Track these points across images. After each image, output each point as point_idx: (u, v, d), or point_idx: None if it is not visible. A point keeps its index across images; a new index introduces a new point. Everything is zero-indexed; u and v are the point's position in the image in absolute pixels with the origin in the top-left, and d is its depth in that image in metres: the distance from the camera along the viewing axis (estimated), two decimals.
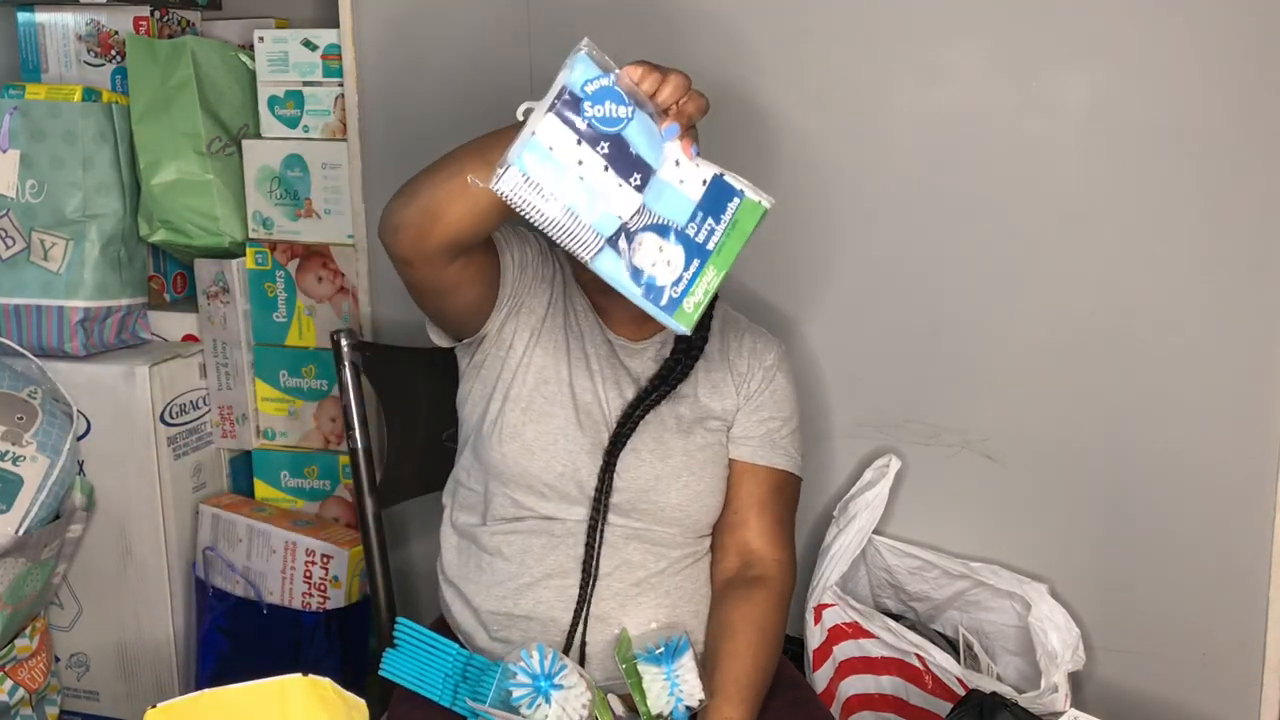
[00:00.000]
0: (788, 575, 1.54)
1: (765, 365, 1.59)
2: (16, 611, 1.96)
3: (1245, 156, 1.69)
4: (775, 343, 1.63)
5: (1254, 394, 1.73)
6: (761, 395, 1.58)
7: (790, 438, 1.59)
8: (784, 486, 1.58)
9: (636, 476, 1.48)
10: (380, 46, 2.06)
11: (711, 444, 1.54)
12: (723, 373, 1.58)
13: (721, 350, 1.59)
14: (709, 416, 1.55)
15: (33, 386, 2.03)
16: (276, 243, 2.18)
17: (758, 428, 1.57)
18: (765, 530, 1.55)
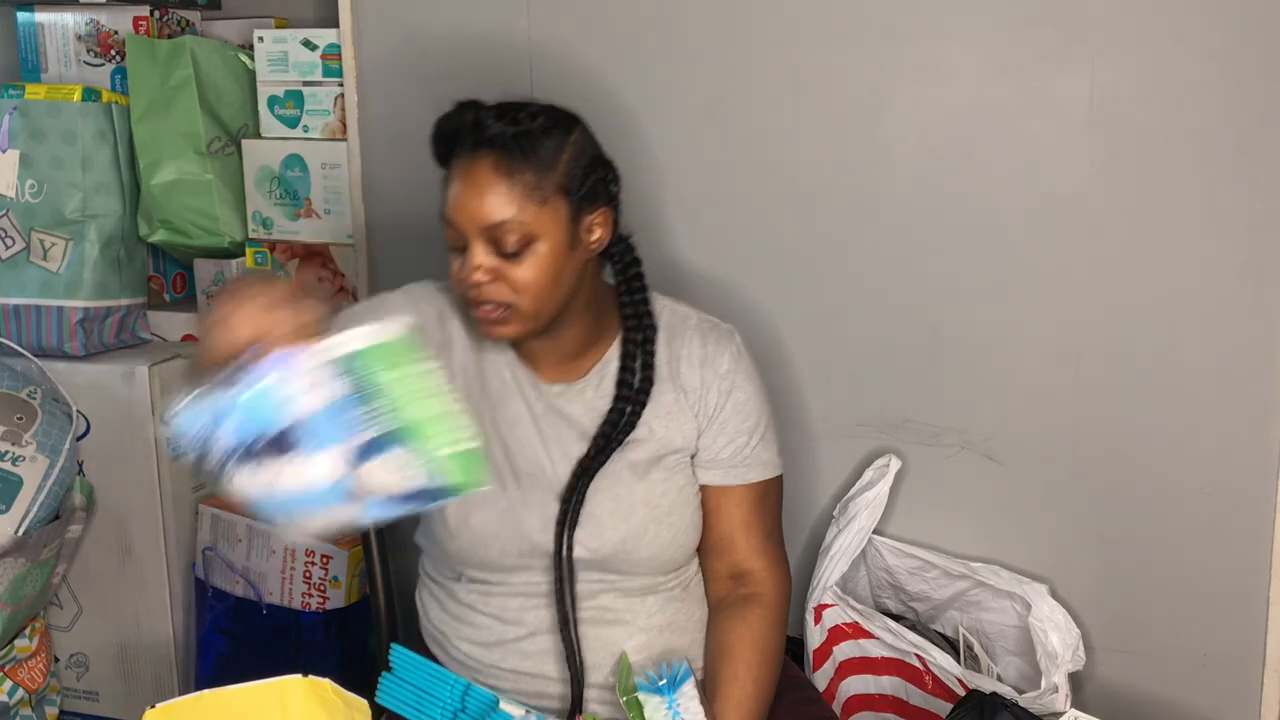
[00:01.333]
0: (782, 587, 1.47)
1: (720, 375, 1.45)
2: (16, 612, 1.96)
3: (1245, 156, 1.69)
4: (728, 339, 1.47)
5: (1254, 394, 1.73)
6: (722, 412, 1.44)
7: (762, 444, 1.46)
8: (765, 495, 1.48)
9: (601, 543, 1.40)
10: (380, 46, 2.06)
11: (676, 483, 1.43)
12: (673, 392, 1.44)
13: (669, 363, 1.44)
14: (667, 453, 1.43)
15: (32, 386, 2.02)
16: (276, 243, 2.18)
17: (725, 448, 1.45)
18: (754, 548, 1.46)
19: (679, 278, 1.95)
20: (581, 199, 1.34)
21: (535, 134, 1.32)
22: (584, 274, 1.38)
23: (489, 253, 1.31)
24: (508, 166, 1.30)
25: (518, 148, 1.30)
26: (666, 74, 1.91)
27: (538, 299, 1.32)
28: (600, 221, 1.38)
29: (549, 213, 1.31)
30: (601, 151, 1.39)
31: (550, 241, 1.31)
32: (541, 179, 1.31)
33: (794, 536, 1.98)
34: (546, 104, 1.38)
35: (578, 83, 1.96)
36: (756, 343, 1.93)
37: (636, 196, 1.96)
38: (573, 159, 1.34)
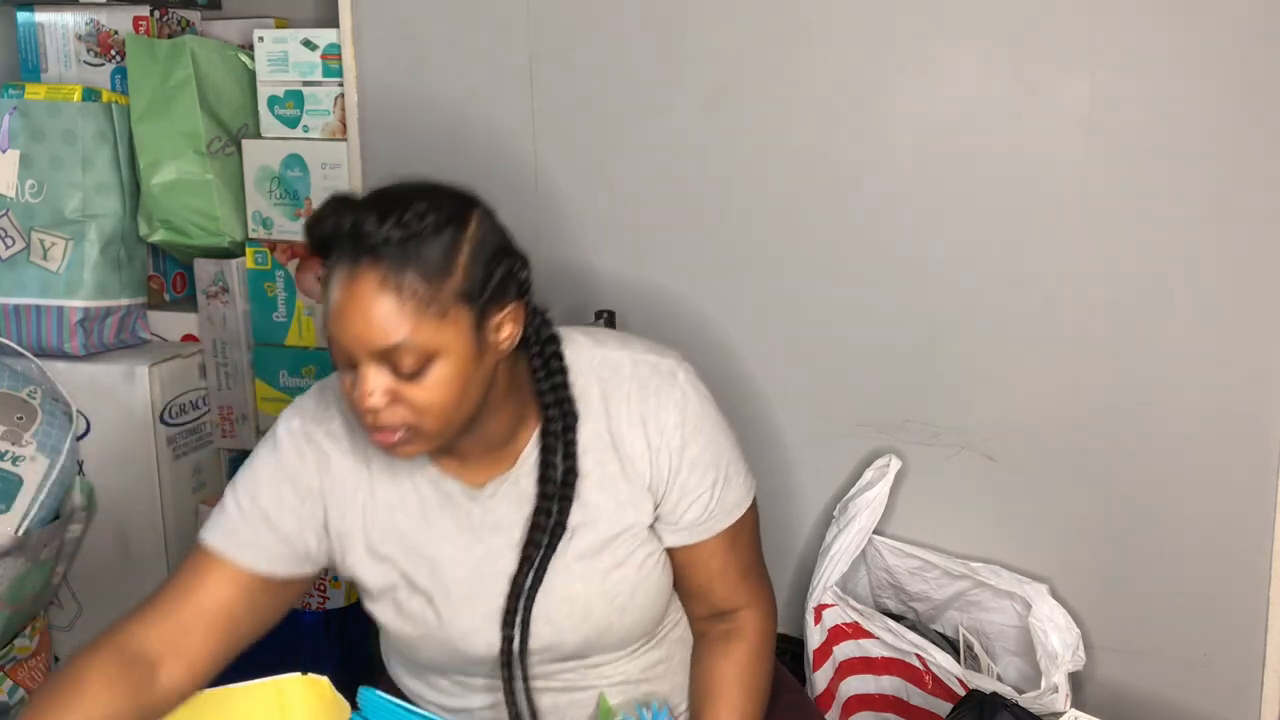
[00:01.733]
0: (766, 620, 1.37)
1: (667, 434, 1.27)
2: (16, 612, 1.96)
3: (1245, 156, 1.69)
4: (668, 383, 1.28)
5: (1254, 394, 1.73)
6: (679, 475, 1.28)
7: (725, 486, 1.31)
8: (738, 535, 1.34)
9: (562, 643, 1.29)
10: (380, 46, 2.06)
11: (635, 561, 1.29)
12: (618, 463, 1.27)
13: (607, 428, 1.27)
14: (620, 532, 1.28)
15: (32, 386, 2.03)
16: (276, 243, 2.18)
17: (688, 511, 1.29)
18: (732, 589, 1.35)
19: (679, 277, 1.95)
20: (486, 301, 1.15)
21: (425, 237, 1.11)
22: (496, 373, 1.20)
23: (383, 374, 1.12)
24: (396, 280, 1.10)
25: (406, 257, 1.10)
26: (667, 73, 1.91)
27: (443, 418, 1.15)
28: (510, 318, 1.18)
29: (449, 326, 1.12)
30: (506, 239, 1.20)
31: (453, 356, 1.13)
32: (437, 289, 1.11)
33: (794, 536, 1.99)
34: (434, 188, 1.17)
35: (578, 82, 1.96)
36: (756, 342, 1.94)
37: (638, 194, 1.97)
38: (472, 258, 1.14)
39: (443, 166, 2.06)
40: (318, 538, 1.30)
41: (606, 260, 2.00)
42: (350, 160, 2.10)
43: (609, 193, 1.98)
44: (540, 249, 2.01)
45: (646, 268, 1.98)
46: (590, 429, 1.26)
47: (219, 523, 1.29)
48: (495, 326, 1.17)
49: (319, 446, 1.29)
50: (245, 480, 1.30)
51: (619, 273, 1.99)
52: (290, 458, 1.29)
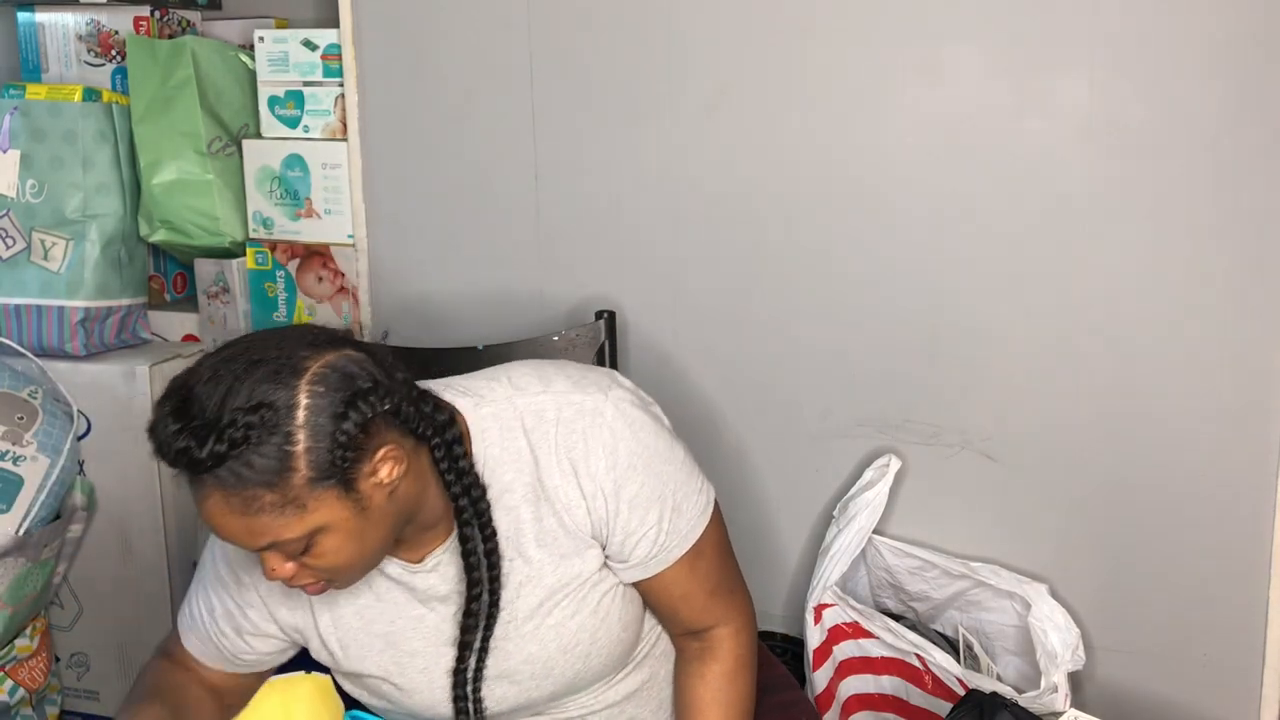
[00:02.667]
0: (741, 633, 1.33)
1: (599, 480, 1.22)
2: (16, 611, 1.96)
3: (1245, 156, 1.69)
4: (593, 422, 1.22)
5: (1254, 394, 1.73)
6: (618, 518, 1.23)
7: (674, 515, 1.25)
8: (698, 557, 1.28)
9: (531, 700, 1.29)
10: (380, 46, 2.06)
11: (590, 606, 1.26)
12: (554, 517, 1.23)
13: (536, 480, 1.22)
14: (569, 583, 1.25)
15: (33, 386, 2.02)
16: (276, 243, 2.18)
17: (636, 548, 1.24)
18: (699, 610, 1.31)
19: (679, 277, 1.95)
20: (347, 468, 1.08)
21: (252, 447, 1.04)
22: (397, 497, 1.14)
23: (278, 556, 1.11)
24: (239, 497, 1.05)
25: (239, 474, 1.04)
26: (667, 73, 1.91)
27: (352, 566, 1.14)
28: (384, 458, 1.11)
29: (315, 510, 1.07)
30: (352, 385, 1.08)
31: (334, 527, 1.09)
32: (285, 489, 1.05)
33: (794, 536, 1.99)
34: (262, 361, 1.07)
35: (578, 82, 1.96)
36: (756, 341, 1.94)
37: (638, 194, 1.97)
38: (312, 441, 1.05)
39: (443, 166, 2.07)
40: (281, 633, 1.32)
41: (606, 260, 2.00)
42: (350, 160, 2.10)
43: (609, 193, 1.98)
44: (540, 249, 2.03)
45: (647, 268, 1.98)
46: (522, 484, 1.22)
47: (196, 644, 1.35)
48: (369, 476, 1.10)
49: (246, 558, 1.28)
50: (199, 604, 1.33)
51: (619, 273, 1.99)
52: (230, 586, 1.30)
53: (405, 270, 2.12)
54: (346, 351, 1.11)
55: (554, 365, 1.31)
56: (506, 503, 1.22)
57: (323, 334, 1.13)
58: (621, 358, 1.98)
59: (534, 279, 2.05)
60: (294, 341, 1.10)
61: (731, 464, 1.99)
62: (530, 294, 2.05)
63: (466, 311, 2.08)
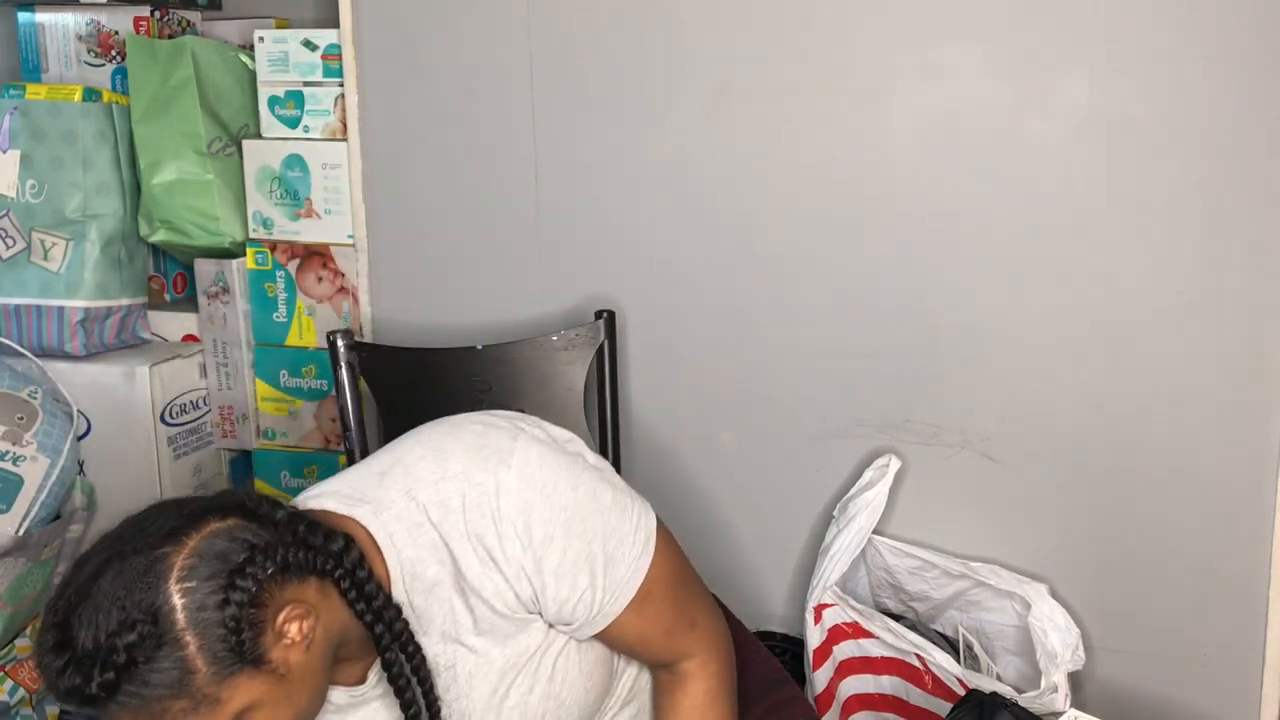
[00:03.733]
0: (709, 664, 1.28)
1: (517, 562, 1.16)
2: (17, 611, 1.96)
3: (1245, 156, 1.69)
4: (501, 504, 1.16)
5: (1254, 394, 1.73)
6: (546, 591, 1.17)
7: (609, 569, 1.19)
8: (645, 599, 1.21)
9: None
10: (380, 46, 2.06)
11: (548, 675, 1.22)
12: (482, 606, 1.18)
13: (456, 574, 1.17)
14: (519, 660, 1.21)
15: (33, 386, 2.03)
16: (276, 243, 2.18)
17: (574, 611, 1.18)
18: (658, 650, 1.26)
19: (679, 277, 1.95)
20: (250, 647, 1.03)
21: (138, 669, 0.99)
22: (317, 643, 1.09)
23: None
24: (149, 717, 1.01)
25: (141, 698, 0.99)
26: (667, 71, 1.91)
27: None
28: (290, 617, 1.06)
29: (231, 697, 1.02)
30: (228, 564, 1.03)
31: (257, 703, 1.04)
32: (192, 693, 1.01)
33: (794, 536, 1.99)
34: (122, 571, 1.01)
35: (578, 82, 1.96)
36: (756, 341, 1.94)
37: (638, 194, 1.97)
38: (203, 638, 1.00)
39: (443, 166, 2.07)
40: None
41: (606, 260, 2.00)
42: (350, 160, 2.10)
43: (609, 192, 1.98)
44: (540, 249, 2.03)
45: (647, 268, 1.98)
46: (447, 575, 1.17)
47: None
48: (276, 641, 1.05)
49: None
50: None
51: (619, 273, 1.99)
52: None
53: (405, 270, 2.12)
54: (210, 525, 1.05)
55: (452, 435, 1.21)
56: (439, 595, 1.17)
57: (187, 511, 1.06)
58: (621, 358, 1.98)
59: (534, 279, 2.05)
60: (153, 534, 1.04)
61: (731, 464, 1.99)
62: (530, 294, 2.05)
63: (466, 311, 2.08)
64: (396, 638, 1.13)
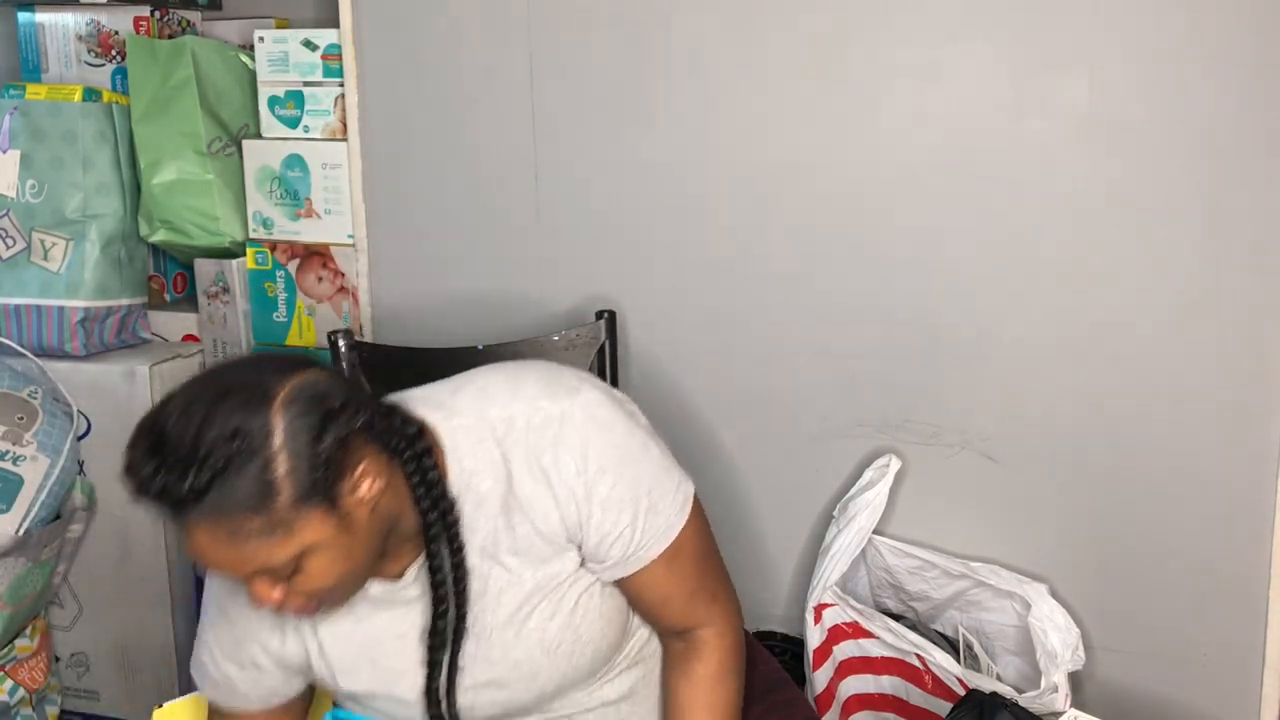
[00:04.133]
0: (725, 634, 1.33)
1: (570, 485, 1.22)
2: (17, 611, 1.96)
3: (1245, 156, 1.69)
4: (560, 428, 1.23)
5: (1254, 394, 1.73)
6: (591, 520, 1.23)
7: (649, 514, 1.25)
8: (676, 555, 1.27)
9: (522, 702, 1.29)
10: (380, 46, 2.06)
11: (571, 607, 1.27)
12: (525, 524, 1.23)
13: (510, 490, 1.23)
14: (547, 585, 1.25)
15: (33, 386, 2.03)
16: (276, 243, 2.18)
17: (611, 549, 1.24)
18: (679, 612, 1.31)
19: (679, 277, 1.95)
20: (329, 485, 1.09)
21: (231, 474, 1.04)
22: (379, 511, 1.16)
23: (266, 581, 1.12)
24: (226, 526, 1.06)
25: (222, 503, 1.05)
26: (667, 71, 1.92)
27: (340, 586, 1.15)
28: (364, 473, 1.13)
29: (301, 532, 1.08)
30: (326, 402, 1.10)
31: (321, 547, 1.10)
32: (270, 513, 1.06)
33: (794, 536, 1.99)
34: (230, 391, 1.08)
35: (578, 82, 1.96)
36: (757, 342, 1.94)
37: (638, 194, 1.97)
38: (293, 463, 1.07)
39: (443, 166, 2.07)
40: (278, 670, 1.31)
41: (606, 260, 2.00)
42: (350, 160, 2.10)
43: (609, 193, 1.98)
44: (540, 249, 2.03)
45: (646, 267, 1.98)
46: (497, 493, 1.22)
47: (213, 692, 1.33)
48: (351, 491, 1.11)
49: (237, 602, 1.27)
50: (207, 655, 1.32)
51: (619, 273, 1.99)
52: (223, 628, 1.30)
53: (405, 270, 2.12)
54: (312, 373, 1.11)
55: (525, 368, 1.30)
56: (486, 511, 1.22)
57: (285, 358, 1.14)
58: (621, 357, 1.98)
59: (534, 279, 2.05)
60: (258, 368, 1.11)
61: (731, 464, 1.99)
62: (530, 294, 2.05)
63: (466, 311, 2.08)
64: (447, 529, 1.19)
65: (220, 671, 1.31)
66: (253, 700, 1.32)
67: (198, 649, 1.33)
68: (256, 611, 1.24)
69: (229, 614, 1.29)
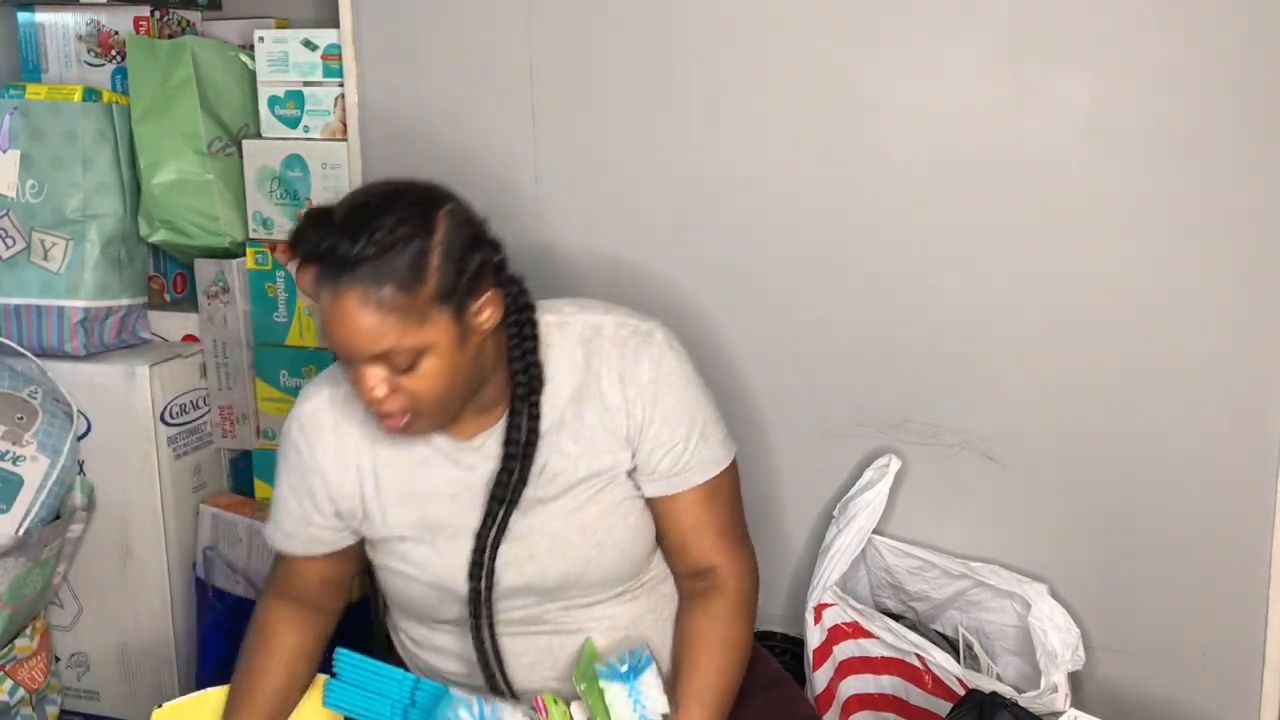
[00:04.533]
0: (744, 577, 1.45)
1: (642, 387, 1.38)
2: (16, 611, 1.96)
3: (1245, 156, 1.69)
4: (645, 343, 1.40)
5: (1254, 394, 1.74)
6: (651, 425, 1.39)
7: (701, 443, 1.41)
8: (714, 493, 1.43)
9: (544, 580, 1.40)
10: (380, 46, 2.06)
11: (610, 502, 1.40)
12: (596, 413, 1.38)
13: (588, 382, 1.39)
14: (595, 474, 1.39)
15: (33, 386, 2.03)
16: (277, 243, 2.18)
17: (662, 460, 1.39)
18: (708, 547, 1.43)
19: (679, 277, 1.95)
20: (462, 296, 1.26)
21: (396, 250, 1.21)
22: (484, 349, 1.32)
23: (380, 370, 1.25)
24: (375, 295, 1.21)
25: (380, 272, 1.20)
26: (667, 72, 1.91)
27: (440, 402, 1.28)
28: (488, 303, 1.29)
29: (430, 325, 1.23)
30: (476, 230, 1.30)
31: (439, 350, 1.25)
32: (414, 297, 1.22)
33: (794, 536, 1.99)
34: (403, 191, 1.27)
35: (578, 82, 1.96)
36: (756, 342, 1.94)
37: (638, 194, 1.97)
38: (444, 261, 1.24)
39: (443, 166, 2.06)
40: (339, 511, 1.44)
41: (606, 260, 2.00)
42: (350, 160, 2.10)
43: (609, 193, 1.98)
44: (540, 249, 2.03)
45: (647, 268, 1.98)
46: (571, 384, 1.38)
47: (279, 534, 1.49)
48: (475, 313, 1.28)
49: (318, 432, 1.43)
50: (277, 494, 1.48)
51: (619, 272, 1.99)
52: (294, 460, 1.45)
53: None
54: (467, 205, 1.31)
55: (614, 305, 1.47)
56: (557, 400, 1.37)
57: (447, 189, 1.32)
58: None
59: (534, 279, 2.03)
60: (427, 185, 1.29)
61: None
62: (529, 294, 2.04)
63: None
64: (530, 392, 1.35)
65: (284, 509, 1.46)
66: (297, 541, 1.46)
67: (276, 502, 1.48)
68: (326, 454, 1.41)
69: (303, 451, 1.43)
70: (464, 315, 1.26)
